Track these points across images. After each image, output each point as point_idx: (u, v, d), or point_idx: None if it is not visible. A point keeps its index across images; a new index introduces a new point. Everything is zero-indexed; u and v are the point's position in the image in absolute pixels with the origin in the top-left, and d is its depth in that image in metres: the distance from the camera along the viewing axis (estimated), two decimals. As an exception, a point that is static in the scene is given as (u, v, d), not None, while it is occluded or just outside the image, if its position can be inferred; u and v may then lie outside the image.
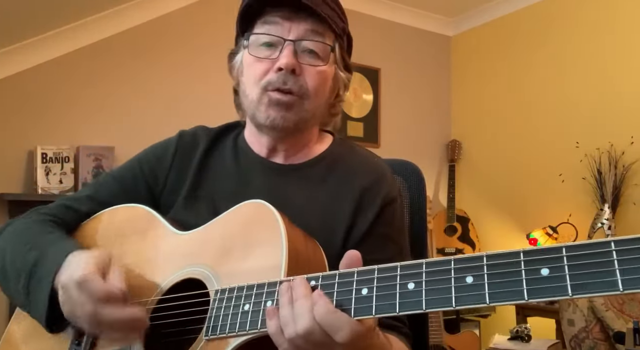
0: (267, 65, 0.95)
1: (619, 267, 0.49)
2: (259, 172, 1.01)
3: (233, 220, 0.86)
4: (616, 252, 0.49)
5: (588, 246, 0.51)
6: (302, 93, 0.95)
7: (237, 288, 0.74)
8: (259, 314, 0.70)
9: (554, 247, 0.53)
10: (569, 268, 0.51)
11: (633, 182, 3.18)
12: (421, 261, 0.61)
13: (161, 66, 3.17)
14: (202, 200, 1.00)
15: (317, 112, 0.99)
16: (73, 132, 2.91)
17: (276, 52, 0.95)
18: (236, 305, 0.73)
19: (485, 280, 0.56)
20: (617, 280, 0.49)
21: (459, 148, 4.14)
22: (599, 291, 0.49)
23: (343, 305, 0.64)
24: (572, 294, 0.51)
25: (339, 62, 1.02)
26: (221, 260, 0.82)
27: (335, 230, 0.93)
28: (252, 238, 0.80)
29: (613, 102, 3.30)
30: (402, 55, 4.12)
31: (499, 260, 0.56)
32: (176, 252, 0.89)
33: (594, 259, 0.50)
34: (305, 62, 0.95)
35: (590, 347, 2.48)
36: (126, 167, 1.08)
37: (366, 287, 0.63)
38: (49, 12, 2.71)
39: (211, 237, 0.87)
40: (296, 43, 0.94)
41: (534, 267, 0.53)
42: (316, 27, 0.95)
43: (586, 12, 3.48)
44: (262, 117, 0.95)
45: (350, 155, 1.04)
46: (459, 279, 0.57)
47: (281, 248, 0.75)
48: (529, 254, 0.54)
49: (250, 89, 0.97)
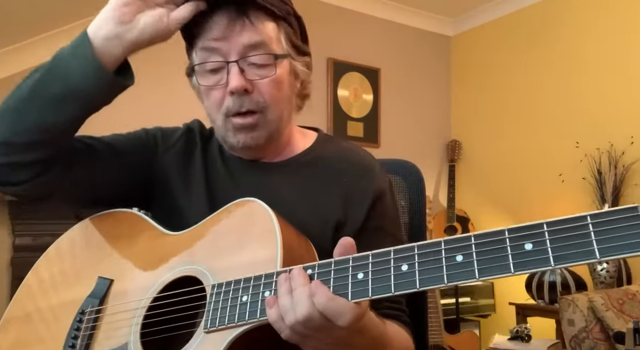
0: (220, 92, 0.94)
1: (595, 237, 0.54)
2: (246, 173, 1.01)
3: (224, 218, 0.87)
4: (592, 224, 0.54)
5: (566, 221, 0.56)
6: (261, 107, 0.93)
7: (234, 281, 0.76)
8: (257, 304, 0.72)
9: (536, 224, 0.58)
10: (550, 242, 0.56)
11: (633, 182, 3.18)
12: (413, 245, 0.65)
13: (161, 65, 3.16)
14: (207, 200, 0.99)
15: (283, 115, 0.97)
16: (73, 132, 2.90)
17: (224, 75, 0.93)
18: (234, 298, 0.75)
19: (474, 258, 0.60)
20: (594, 250, 0.54)
21: (459, 148, 4.14)
22: (578, 260, 0.54)
23: (339, 291, 0.67)
24: (555, 264, 0.55)
25: (291, 53, 0.98)
26: (215, 257, 0.83)
27: (326, 225, 0.93)
28: (245, 234, 0.82)
29: (613, 102, 3.30)
30: (402, 55, 4.12)
31: (486, 238, 0.60)
32: (169, 252, 0.90)
33: (573, 232, 0.55)
34: (255, 76, 0.93)
35: (590, 347, 2.48)
36: (132, 132, 1.08)
37: (362, 272, 0.66)
38: (49, 12, 2.71)
39: (203, 236, 0.88)
40: (239, 62, 0.92)
41: (519, 243, 0.58)
42: (254, 36, 0.91)
43: (586, 12, 3.48)
44: (233, 141, 0.95)
45: (336, 149, 1.04)
46: (449, 259, 0.61)
47: (276, 241, 0.76)
48: (513, 231, 0.59)
49: (214, 116, 0.97)
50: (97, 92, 0.87)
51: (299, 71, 1.00)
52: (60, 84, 0.84)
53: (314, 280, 0.68)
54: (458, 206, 3.99)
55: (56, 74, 0.85)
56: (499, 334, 3.05)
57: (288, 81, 0.98)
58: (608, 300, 2.54)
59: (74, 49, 0.85)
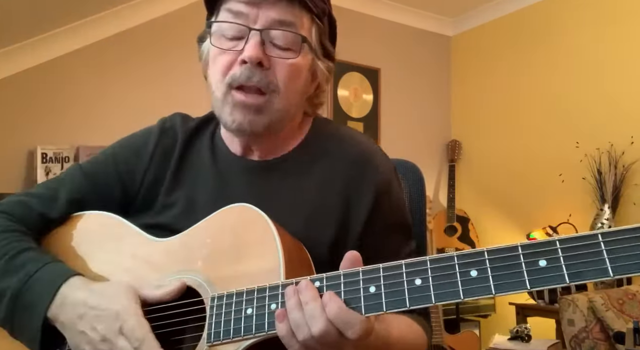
0: (231, 57, 0.85)
1: (607, 256, 0.55)
2: (237, 172, 0.94)
3: (218, 224, 0.82)
4: (603, 243, 0.56)
5: (578, 238, 0.57)
6: (271, 90, 0.84)
7: (235, 293, 0.73)
8: (264, 317, 0.70)
9: (548, 241, 0.59)
10: (564, 259, 0.57)
11: (633, 182, 3.18)
12: (425, 258, 0.64)
13: (161, 66, 3.17)
14: (179, 203, 0.93)
15: (292, 110, 0.89)
16: (73, 132, 2.90)
17: (242, 42, 0.84)
18: (237, 310, 0.72)
19: (489, 273, 0.60)
20: (607, 268, 0.55)
21: (459, 148, 4.14)
22: (592, 277, 0.56)
23: (352, 304, 0.65)
24: (570, 281, 0.56)
25: (317, 50, 0.90)
26: (212, 266, 0.79)
27: (325, 228, 0.87)
28: (242, 242, 0.78)
29: (613, 102, 3.30)
30: (402, 55, 4.12)
31: (500, 254, 0.60)
32: (159, 260, 0.85)
33: (586, 250, 0.56)
34: (275, 54, 0.85)
35: (590, 347, 2.48)
36: (100, 163, 0.98)
37: (373, 285, 0.65)
38: (49, 12, 2.71)
39: (196, 243, 0.83)
40: (263, 32, 0.83)
41: (533, 260, 0.58)
42: (286, 14, 0.84)
43: (586, 12, 3.48)
44: (228, 120, 0.86)
45: (332, 139, 0.95)
46: (463, 273, 0.61)
47: (277, 250, 0.74)
48: (526, 248, 0.59)
49: (215, 85, 0.87)
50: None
51: (318, 72, 0.92)
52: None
53: (328, 292, 0.66)
54: (458, 206, 3.99)
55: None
56: (499, 334, 3.05)
57: (305, 77, 0.90)
58: (608, 300, 2.54)
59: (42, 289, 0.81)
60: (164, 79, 3.16)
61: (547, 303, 3.09)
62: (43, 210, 0.93)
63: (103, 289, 0.79)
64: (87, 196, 0.95)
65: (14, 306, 0.80)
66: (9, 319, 0.81)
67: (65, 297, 0.79)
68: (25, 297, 0.80)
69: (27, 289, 0.80)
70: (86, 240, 0.93)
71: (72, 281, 0.81)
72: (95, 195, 0.95)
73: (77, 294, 0.79)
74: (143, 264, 0.86)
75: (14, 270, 0.82)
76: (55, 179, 0.99)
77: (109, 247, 0.91)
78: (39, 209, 0.93)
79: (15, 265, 0.83)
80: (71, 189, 0.95)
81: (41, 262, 0.83)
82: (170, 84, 3.16)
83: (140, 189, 0.96)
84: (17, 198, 0.95)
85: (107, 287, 0.80)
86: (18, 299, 0.80)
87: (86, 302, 0.77)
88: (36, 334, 0.79)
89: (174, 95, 3.14)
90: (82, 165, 0.99)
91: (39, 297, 0.80)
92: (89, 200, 0.95)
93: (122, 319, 0.74)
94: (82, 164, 1.00)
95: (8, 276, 0.82)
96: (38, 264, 0.83)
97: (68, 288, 0.80)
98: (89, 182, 0.96)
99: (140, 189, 0.96)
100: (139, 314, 0.75)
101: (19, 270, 0.82)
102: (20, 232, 0.89)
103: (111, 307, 0.76)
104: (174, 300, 0.80)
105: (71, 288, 0.80)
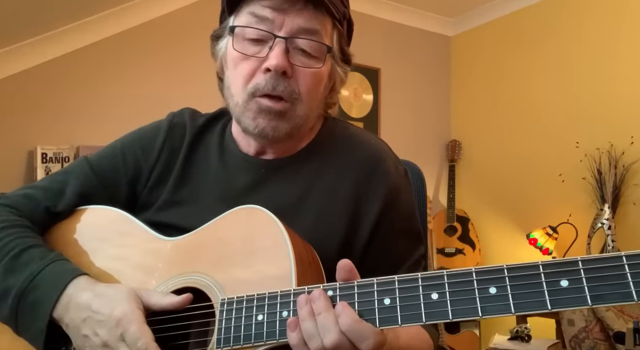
0: (254, 64, 0.84)
1: (632, 279, 0.54)
2: (246, 171, 0.93)
3: (227, 226, 0.81)
4: (628, 265, 0.54)
5: (602, 260, 0.56)
6: (294, 98, 0.85)
7: (245, 299, 0.72)
8: (275, 324, 0.69)
9: (570, 261, 0.57)
10: (587, 280, 0.56)
11: (633, 182, 3.18)
12: (442, 272, 0.63)
13: (161, 66, 3.17)
14: (185, 201, 0.92)
15: (312, 115, 0.90)
16: (73, 132, 2.90)
17: (265, 48, 0.83)
18: (248, 316, 0.71)
19: (509, 291, 0.58)
20: (631, 292, 0.54)
21: (459, 148, 4.14)
22: (616, 301, 0.54)
23: (365, 316, 0.64)
24: (592, 303, 0.55)
25: (337, 56, 0.92)
26: (221, 268, 0.78)
27: (332, 230, 0.87)
28: (253, 246, 0.77)
29: (613, 102, 3.30)
30: (402, 55, 4.12)
31: (520, 272, 0.59)
32: (166, 259, 0.84)
33: (609, 272, 0.55)
34: (298, 62, 0.84)
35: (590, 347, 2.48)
36: (107, 157, 0.97)
37: (388, 298, 0.64)
38: (49, 12, 2.71)
39: (205, 244, 0.82)
40: (288, 40, 0.83)
41: (554, 279, 0.57)
42: (312, 22, 0.84)
43: (586, 12, 3.48)
44: (250, 124, 0.86)
45: (342, 139, 0.95)
46: (482, 290, 0.60)
47: (289, 256, 0.73)
48: (548, 267, 0.58)
49: (236, 91, 0.87)
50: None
51: (337, 77, 0.93)
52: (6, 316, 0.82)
53: (341, 302, 0.65)
54: (458, 206, 3.99)
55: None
56: (499, 334, 3.05)
57: (324, 83, 0.90)
58: (608, 300, 2.54)
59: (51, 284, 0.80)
60: (163, 79, 3.16)
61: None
62: (49, 204, 0.92)
63: (107, 293, 0.77)
64: (94, 190, 0.94)
65: (17, 305, 0.80)
66: (13, 318, 0.80)
67: (70, 299, 0.78)
68: (29, 297, 0.80)
69: (32, 289, 0.80)
70: (93, 235, 0.92)
71: (76, 282, 0.79)
72: (103, 189, 0.95)
73: (82, 296, 0.78)
74: (151, 263, 0.85)
75: (18, 269, 0.81)
76: (62, 172, 0.98)
77: (117, 244, 0.89)
78: (46, 202, 0.92)
79: (19, 263, 0.82)
80: (78, 182, 0.94)
81: (46, 260, 0.82)
82: (170, 83, 3.16)
83: (147, 185, 0.95)
84: (23, 191, 0.94)
85: (111, 290, 0.78)
86: (22, 298, 0.80)
87: (89, 306, 0.76)
88: (40, 335, 0.78)
89: (174, 94, 3.14)
90: (89, 159, 0.98)
91: (43, 298, 0.79)
92: (96, 194, 0.94)
93: (123, 326, 0.73)
94: (90, 158, 0.99)
95: (12, 275, 0.81)
96: (43, 263, 0.81)
97: (73, 289, 0.78)
98: (96, 176, 0.95)
99: (147, 185, 0.95)
100: (141, 321, 0.73)
101: (24, 268, 0.81)
102: (25, 227, 0.88)
103: (114, 313, 0.74)
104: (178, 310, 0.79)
105: (76, 289, 0.78)
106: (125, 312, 0.73)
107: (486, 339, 3.31)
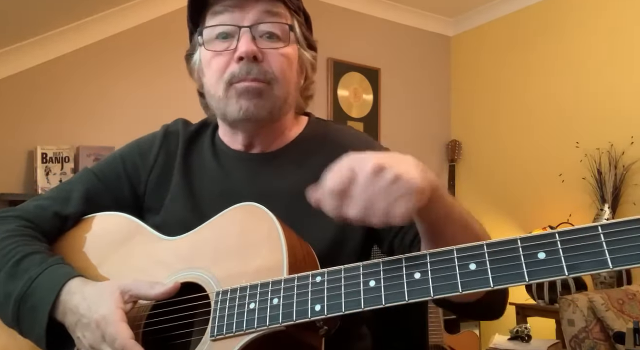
0: (227, 58, 0.91)
1: (607, 247, 0.55)
2: (239, 166, 0.98)
3: (225, 223, 0.85)
4: (603, 234, 0.55)
5: (578, 231, 0.57)
6: (269, 79, 0.90)
7: (239, 288, 0.75)
8: (266, 310, 0.71)
9: (548, 233, 0.58)
10: (563, 251, 0.57)
11: (633, 182, 3.18)
12: (424, 252, 0.65)
13: (161, 65, 3.17)
14: (186, 200, 0.96)
15: (288, 98, 0.94)
16: (73, 132, 2.91)
17: (233, 42, 0.90)
18: (241, 304, 0.73)
19: (488, 266, 0.60)
20: (606, 259, 0.55)
21: (459, 148, 4.14)
22: (591, 269, 0.55)
23: (351, 297, 0.66)
24: (568, 273, 0.56)
25: (301, 41, 0.97)
26: (218, 264, 0.81)
27: (325, 219, 0.87)
28: (248, 240, 0.80)
29: (613, 102, 3.30)
30: (402, 55, 4.12)
31: (498, 247, 0.60)
32: (168, 258, 0.87)
33: (585, 242, 0.56)
34: (266, 46, 0.90)
35: (590, 347, 2.48)
36: (108, 164, 1.03)
37: (373, 279, 0.66)
38: (49, 12, 2.71)
39: (204, 241, 0.86)
40: (252, 28, 0.90)
41: (531, 252, 0.58)
42: (270, 7, 0.91)
43: (586, 12, 3.48)
44: (234, 109, 0.90)
45: (330, 132, 1.01)
46: (462, 266, 0.61)
47: (281, 248, 0.75)
48: (526, 240, 0.59)
49: (214, 87, 0.92)
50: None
51: (305, 62, 0.98)
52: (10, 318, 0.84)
53: None
54: (458, 206, 3.99)
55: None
56: (499, 334, 3.05)
57: (295, 66, 0.95)
58: (608, 300, 2.54)
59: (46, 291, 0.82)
60: (164, 79, 3.16)
61: (547, 303, 3.09)
62: (57, 209, 0.97)
63: (91, 295, 0.80)
64: (100, 195, 0.99)
65: (18, 310, 0.83)
66: (15, 322, 0.84)
67: (65, 303, 0.81)
68: (28, 302, 0.83)
69: (30, 294, 0.83)
70: (100, 241, 0.95)
71: (69, 285, 0.82)
72: (108, 194, 1.00)
73: (72, 300, 0.80)
74: (153, 263, 0.88)
75: (18, 275, 0.84)
76: (66, 182, 1.04)
77: (122, 247, 0.93)
78: (53, 208, 0.97)
79: (20, 269, 0.85)
80: (83, 187, 0.99)
81: (44, 265, 0.85)
82: (170, 83, 3.16)
83: (147, 188, 1.00)
84: (32, 203, 0.99)
85: (96, 291, 0.80)
86: (22, 303, 0.83)
87: (78, 309, 0.79)
88: (41, 338, 0.81)
89: (174, 95, 3.14)
90: (91, 168, 1.04)
91: (40, 303, 0.82)
92: (102, 199, 0.99)
93: (102, 327, 0.75)
94: (92, 167, 1.05)
95: (13, 280, 0.84)
96: (40, 268, 0.84)
97: (66, 293, 0.81)
98: (99, 180, 1.00)
99: (147, 188, 1.00)
100: (118, 321, 0.75)
101: (23, 274, 0.84)
102: (30, 236, 0.91)
103: (94, 315, 0.77)
104: (178, 296, 0.81)
105: (69, 293, 0.81)
106: (104, 314, 0.76)
107: (486, 339, 3.31)
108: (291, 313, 0.69)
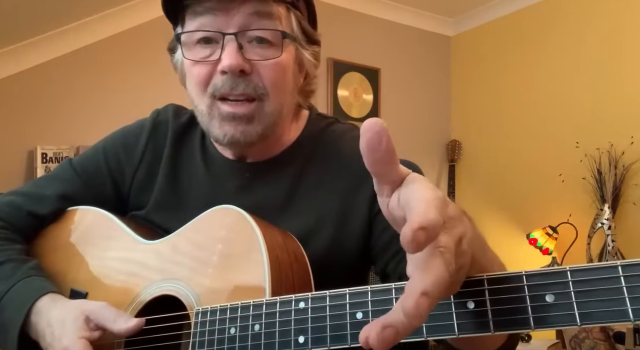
0: (210, 67, 0.78)
1: (628, 295, 0.45)
2: (229, 176, 0.89)
3: (204, 228, 0.78)
4: (624, 278, 0.46)
5: (594, 271, 0.48)
6: (260, 94, 0.78)
7: (219, 309, 0.69)
8: (247, 338, 0.65)
9: (559, 271, 0.49)
10: (576, 295, 0.48)
11: (633, 182, 3.18)
12: None
13: (161, 66, 3.16)
14: (174, 205, 0.89)
15: (283, 109, 0.82)
16: (73, 132, 2.91)
17: (217, 49, 0.77)
18: (221, 329, 0.68)
19: (488, 307, 0.51)
20: (627, 310, 0.45)
21: (459, 148, 4.14)
22: (609, 320, 0.46)
23: (336, 331, 0.59)
24: (581, 323, 0.47)
25: (300, 39, 0.83)
26: (197, 276, 0.76)
27: (321, 226, 0.83)
28: (229, 251, 0.74)
29: (613, 102, 3.30)
30: (402, 55, 4.12)
31: (501, 285, 0.51)
32: (147, 263, 0.82)
33: (601, 286, 0.47)
34: (255, 56, 0.77)
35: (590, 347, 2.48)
36: (89, 158, 0.94)
37: (361, 311, 0.57)
38: (49, 12, 2.71)
39: (183, 248, 0.80)
40: (239, 36, 0.75)
41: (539, 293, 0.49)
42: (260, 7, 0.76)
43: (586, 12, 3.48)
44: (218, 134, 0.79)
45: (330, 135, 0.90)
46: (459, 305, 0.52)
47: (263, 264, 0.69)
48: (532, 279, 0.50)
49: (197, 99, 0.81)
50: None
51: (305, 61, 0.85)
52: None
53: None
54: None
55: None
56: (499, 334, 3.05)
57: (292, 71, 0.83)
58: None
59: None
60: (163, 79, 3.15)
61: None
62: (31, 209, 0.91)
63: (57, 321, 0.76)
64: (78, 192, 0.93)
65: None
66: None
67: (36, 325, 0.77)
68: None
69: (0, 311, 0.80)
70: (80, 239, 0.90)
71: (38, 306, 0.78)
72: (87, 191, 0.93)
73: (40, 323, 0.77)
74: (131, 268, 0.83)
75: None
76: (44, 177, 0.97)
77: (99, 247, 0.88)
78: (28, 207, 0.91)
79: None
80: (60, 185, 0.93)
81: (12, 280, 0.81)
82: (170, 84, 3.15)
83: (132, 187, 0.93)
84: (5, 198, 0.93)
85: (62, 315, 0.76)
86: None
87: (45, 336, 0.76)
88: None
89: (174, 95, 3.14)
90: (72, 161, 0.96)
91: (11, 323, 0.78)
92: (80, 196, 0.93)
93: None
94: (73, 159, 0.97)
95: None
96: (8, 284, 0.80)
97: (35, 314, 0.78)
98: (78, 177, 0.93)
99: (132, 187, 0.93)
100: None
101: None
102: (3, 238, 0.87)
103: (57, 345, 0.74)
104: (157, 310, 0.77)
105: (38, 313, 0.78)
106: (66, 346, 0.73)
107: (486, 339, 3.30)
108: (273, 344, 0.63)
